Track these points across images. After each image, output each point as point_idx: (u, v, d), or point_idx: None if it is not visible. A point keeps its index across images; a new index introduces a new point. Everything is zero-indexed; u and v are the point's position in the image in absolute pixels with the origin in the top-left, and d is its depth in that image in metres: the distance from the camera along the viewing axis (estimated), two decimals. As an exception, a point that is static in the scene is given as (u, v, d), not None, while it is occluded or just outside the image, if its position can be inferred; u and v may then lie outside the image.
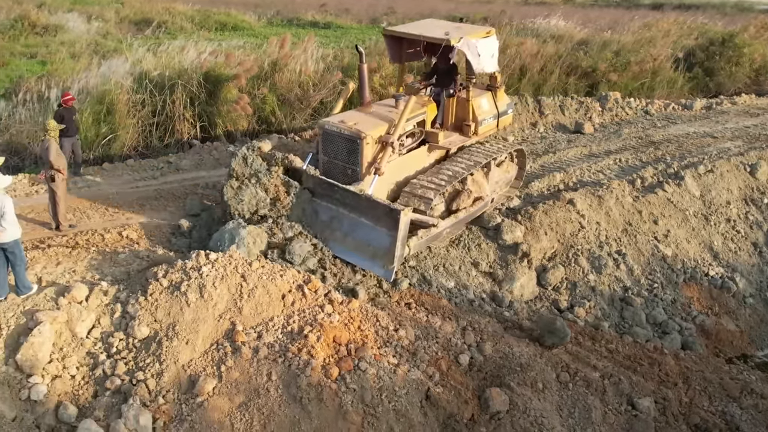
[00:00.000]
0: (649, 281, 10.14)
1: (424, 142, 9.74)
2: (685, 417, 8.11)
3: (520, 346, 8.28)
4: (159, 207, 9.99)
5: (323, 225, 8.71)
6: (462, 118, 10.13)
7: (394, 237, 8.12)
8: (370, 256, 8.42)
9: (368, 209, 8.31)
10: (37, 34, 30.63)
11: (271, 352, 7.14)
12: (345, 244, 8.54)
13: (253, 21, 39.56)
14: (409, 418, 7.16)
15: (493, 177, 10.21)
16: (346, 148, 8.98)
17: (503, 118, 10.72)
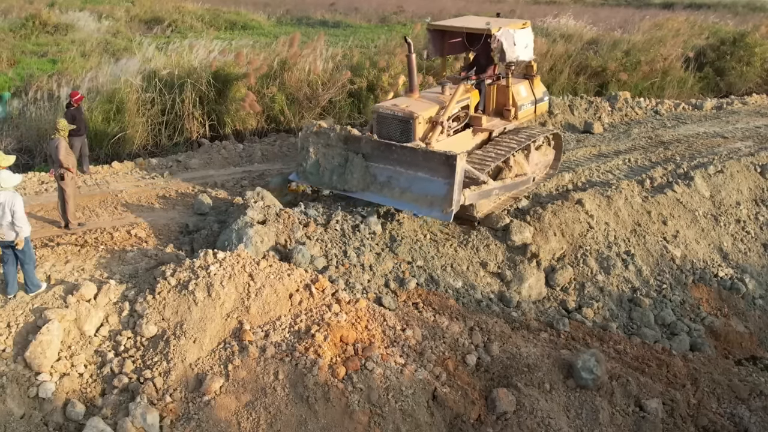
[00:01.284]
0: (657, 282, 10.09)
1: (468, 125, 10.49)
2: (693, 419, 8.07)
3: (527, 346, 8.26)
4: (167, 206, 10.02)
5: (381, 185, 9.40)
6: (502, 104, 10.93)
7: (451, 183, 8.80)
8: (429, 205, 9.04)
9: (425, 162, 9.03)
10: (47, 32, 30.81)
11: (279, 351, 7.16)
12: (404, 198, 9.20)
13: (262, 20, 39.68)
14: (415, 418, 7.15)
15: (533, 159, 10.95)
16: (400, 128, 9.70)
17: (540, 104, 11.50)
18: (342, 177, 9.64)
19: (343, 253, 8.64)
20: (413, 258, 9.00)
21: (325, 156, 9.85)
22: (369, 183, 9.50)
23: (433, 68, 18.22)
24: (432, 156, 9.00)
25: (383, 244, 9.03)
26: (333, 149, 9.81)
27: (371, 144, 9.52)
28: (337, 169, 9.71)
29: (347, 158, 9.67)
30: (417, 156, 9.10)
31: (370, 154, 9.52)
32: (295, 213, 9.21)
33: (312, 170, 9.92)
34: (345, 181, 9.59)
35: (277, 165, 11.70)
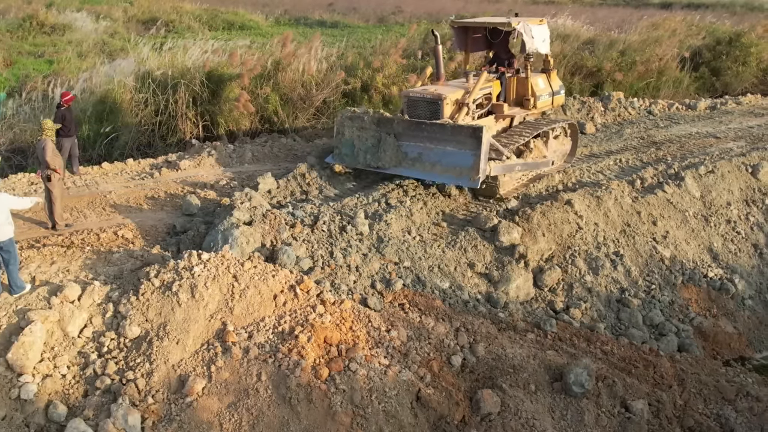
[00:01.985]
0: (646, 282, 10.08)
1: (491, 113, 11.50)
2: (679, 420, 8.06)
3: (513, 347, 8.24)
4: (156, 206, 10.01)
5: (413, 160, 10.44)
6: (522, 94, 11.88)
7: (478, 154, 9.76)
8: (457, 175, 10.05)
9: (453, 137, 10.07)
10: (45, 33, 30.83)
11: (262, 352, 7.15)
12: (434, 170, 10.24)
13: (260, 20, 39.71)
14: (399, 419, 7.14)
15: (551, 146, 11.82)
16: (429, 109, 10.77)
17: (557, 96, 12.43)
18: (375, 156, 10.64)
19: (329, 254, 8.63)
20: (400, 259, 8.99)
21: (359, 138, 10.85)
22: (401, 159, 10.51)
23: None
24: (460, 130, 10.07)
25: (370, 245, 9.02)
26: (366, 131, 10.80)
27: (403, 124, 10.59)
28: (371, 149, 10.70)
29: (380, 139, 10.65)
30: (446, 131, 10.15)
31: (402, 133, 10.54)
32: (282, 214, 9.21)
33: (347, 151, 10.94)
34: (378, 159, 10.61)
35: (268, 166, 11.70)
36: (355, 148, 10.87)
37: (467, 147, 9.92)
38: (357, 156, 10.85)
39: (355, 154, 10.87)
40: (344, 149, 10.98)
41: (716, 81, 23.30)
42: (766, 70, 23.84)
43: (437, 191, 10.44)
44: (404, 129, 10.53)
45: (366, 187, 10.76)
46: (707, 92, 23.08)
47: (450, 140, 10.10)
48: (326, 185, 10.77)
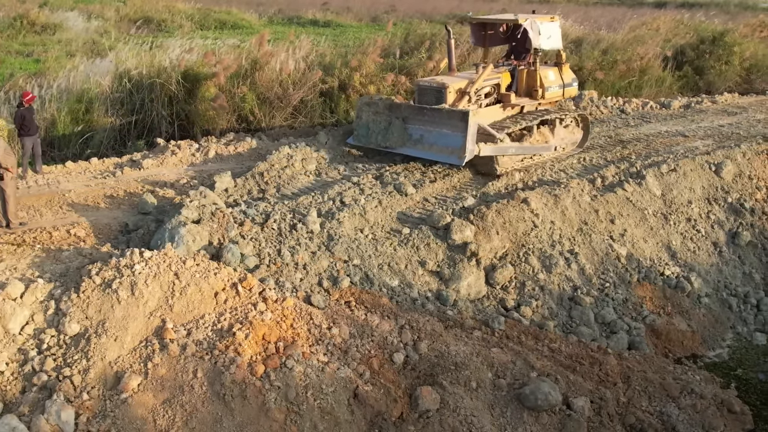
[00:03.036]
0: (601, 281, 10.11)
1: (499, 102, 12.52)
2: (621, 417, 8.10)
3: (458, 345, 8.29)
4: (113, 205, 10.08)
5: (414, 140, 11.78)
6: (531, 86, 12.77)
7: (465, 135, 10.95)
8: (449, 154, 11.27)
9: (447, 120, 11.26)
10: (35, 32, 30.87)
11: (199, 349, 7.21)
12: (431, 150, 11.53)
13: (253, 19, 39.73)
14: (334, 416, 7.20)
15: (559, 134, 12.84)
16: (434, 96, 11.86)
17: (568, 88, 13.34)
18: (385, 137, 12.02)
19: (277, 252, 8.69)
20: (350, 257, 9.04)
21: (374, 121, 12.23)
22: (406, 140, 11.86)
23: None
24: (452, 114, 11.27)
25: (320, 243, 9.07)
26: (380, 115, 12.18)
27: (409, 109, 11.96)
28: (382, 131, 12.06)
29: (389, 121, 12.03)
30: (442, 115, 11.38)
31: (408, 117, 11.88)
32: (234, 212, 9.28)
33: (363, 133, 12.33)
34: (387, 139, 11.99)
35: (231, 164, 11.76)
36: (370, 130, 12.23)
37: (458, 129, 11.09)
38: (370, 137, 12.24)
39: (369, 136, 12.25)
40: (361, 131, 12.39)
41: (699, 80, 23.26)
42: (749, 69, 23.79)
43: (394, 191, 10.47)
44: (410, 113, 11.89)
45: (325, 185, 10.81)
46: (690, 91, 23.06)
47: (445, 123, 11.30)
48: (287, 183, 10.85)
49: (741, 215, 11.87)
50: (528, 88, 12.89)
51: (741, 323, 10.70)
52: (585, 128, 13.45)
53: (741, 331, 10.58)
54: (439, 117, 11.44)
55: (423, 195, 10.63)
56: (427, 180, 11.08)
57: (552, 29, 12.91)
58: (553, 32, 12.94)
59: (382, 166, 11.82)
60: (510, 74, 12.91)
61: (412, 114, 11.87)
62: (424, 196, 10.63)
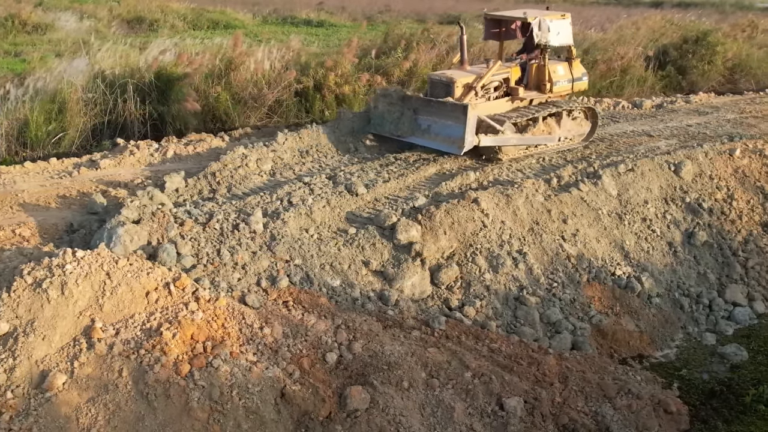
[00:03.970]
0: (549, 281, 10.11)
1: (508, 95, 13.30)
2: (554, 417, 8.11)
3: (393, 344, 8.31)
4: (64, 205, 10.15)
5: (422, 130, 12.68)
6: (540, 80, 13.49)
7: (464, 127, 11.77)
8: (451, 143, 12.16)
9: (451, 113, 12.15)
10: (27, 32, 30.95)
11: (126, 348, 7.26)
12: (436, 140, 12.46)
13: (247, 19, 39.73)
14: (260, 415, 7.24)
15: (565, 125, 13.57)
16: (444, 90, 12.77)
17: (577, 83, 14.04)
18: (397, 126, 12.92)
19: (216, 252, 8.73)
20: (291, 257, 9.08)
21: (388, 111, 13.13)
22: (415, 130, 12.77)
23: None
24: (454, 107, 12.15)
25: (262, 243, 9.11)
26: (394, 106, 13.07)
27: (418, 101, 12.95)
28: (395, 121, 12.96)
29: (402, 112, 12.91)
30: (446, 108, 12.27)
31: (418, 108, 12.78)
32: (179, 212, 9.34)
33: (378, 121, 13.28)
34: (399, 128, 12.90)
35: (189, 164, 11.82)
36: (384, 119, 13.12)
37: (459, 122, 11.91)
38: (384, 126, 13.14)
39: (383, 124, 13.17)
40: (376, 120, 13.34)
41: (682, 80, 23.18)
42: (733, 68, 23.70)
43: (344, 191, 10.50)
44: (419, 105, 12.83)
45: (277, 185, 10.85)
46: (674, 90, 22.98)
47: (449, 116, 12.17)
48: (237, 184, 10.90)
49: (698, 215, 11.83)
50: (537, 82, 13.63)
51: (692, 323, 10.68)
52: (593, 121, 14.16)
53: (692, 331, 10.56)
54: (443, 109, 12.34)
55: (375, 195, 10.65)
56: (381, 180, 11.10)
57: (562, 26, 13.52)
58: (563, 29, 13.54)
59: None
60: (521, 68, 13.68)
61: (421, 106, 12.80)
62: (376, 196, 10.65)
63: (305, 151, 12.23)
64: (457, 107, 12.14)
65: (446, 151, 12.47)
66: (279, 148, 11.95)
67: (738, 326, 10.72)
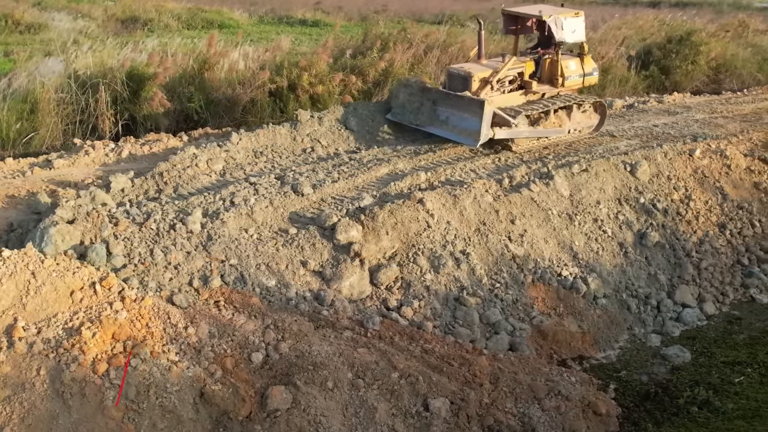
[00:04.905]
0: (492, 281, 10.09)
1: (521, 88, 14.02)
2: (480, 418, 8.09)
3: (322, 345, 8.32)
4: (10, 205, 10.22)
5: (441, 121, 13.38)
6: (553, 74, 14.19)
7: (480, 121, 12.42)
8: (467, 136, 12.77)
9: (468, 106, 12.79)
10: (20, 32, 31.10)
11: (46, 347, 7.32)
12: (454, 131, 13.09)
13: (242, 19, 39.79)
14: (177, 415, 7.27)
15: (575, 118, 14.27)
16: (461, 83, 13.38)
17: (588, 77, 14.86)
18: (417, 116, 13.63)
19: (149, 252, 8.76)
20: (227, 257, 9.10)
21: (408, 101, 13.84)
22: (433, 120, 13.42)
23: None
24: (472, 101, 12.75)
25: (198, 243, 9.14)
26: (414, 96, 13.77)
27: (438, 93, 13.58)
28: (415, 111, 13.66)
29: (422, 102, 13.59)
30: (464, 102, 12.88)
31: (437, 100, 13.46)
32: (118, 212, 9.39)
33: (399, 111, 13.98)
34: (418, 118, 13.60)
35: (144, 164, 11.86)
36: (405, 108, 13.82)
37: (476, 115, 12.52)
38: (404, 115, 13.85)
39: (403, 114, 13.86)
40: (396, 109, 14.03)
41: (666, 79, 23.08)
42: (716, 68, 23.56)
43: (290, 191, 10.52)
44: (438, 97, 13.48)
45: (224, 185, 10.87)
46: (657, 90, 22.87)
47: (466, 109, 12.79)
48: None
49: (652, 216, 11.77)
50: (550, 76, 14.28)
51: (639, 325, 10.63)
52: (602, 114, 14.80)
53: (638, 332, 10.50)
54: (461, 103, 12.95)
55: (321, 195, 10.65)
56: (329, 180, 11.10)
57: (576, 24, 14.14)
58: (577, 26, 14.17)
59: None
60: (535, 63, 14.31)
61: (440, 98, 13.45)
62: (322, 196, 10.65)
63: (260, 151, 12.25)
64: (475, 102, 12.71)
65: (462, 143, 13.16)
66: (232, 148, 11.96)
67: (685, 328, 10.65)
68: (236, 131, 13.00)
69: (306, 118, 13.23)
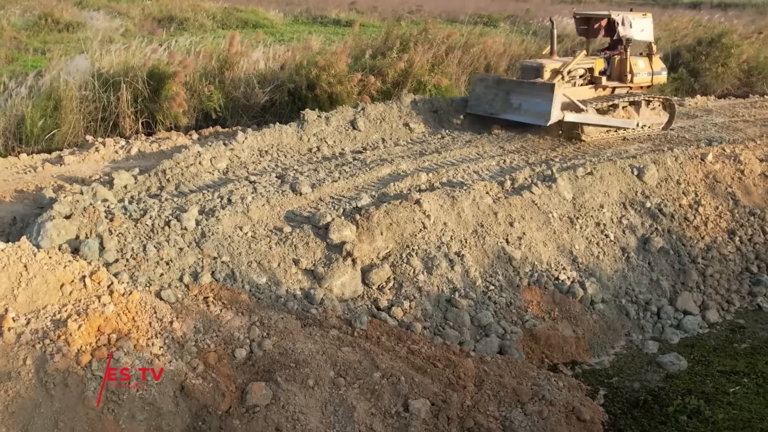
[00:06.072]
0: (486, 283, 10.04)
1: (591, 83, 15.25)
2: (461, 420, 8.08)
3: (306, 343, 8.40)
4: (18, 200, 10.52)
5: (514, 108, 14.59)
6: (622, 71, 15.36)
7: (550, 103, 13.58)
8: (538, 117, 13.97)
9: (540, 91, 14.05)
10: (58, 30, 31.93)
11: (34, 338, 7.53)
12: (526, 115, 14.32)
13: (277, 19, 40.21)
14: (156, 407, 7.42)
15: (644, 113, 15.45)
16: (534, 74, 14.75)
17: (657, 76, 15.96)
18: (491, 105, 15.02)
19: (142, 247, 8.94)
20: (219, 254, 9.24)
21: (484, 93, 15.31)
22: (507, 108, 14.71)
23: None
24: (543, 86, 14.08)
25: (191, 240, 9.29)
26: (489, 88, 15.24)
27: (511, 83, 15.20)
28: (490, 101, 15.04)
29: (496, 93, 14.99)
30: (535, 87, 14.23)
31: (510, 89, 14.79)
32: (116, 208, 9.60)
33: (475, 102, 15.49)
34: (492, 107, 14.96)
35: (152, 161, 12.10)
36: (481, 100, 15.28)
37: (546, 98, 13.72)
38: (479, 105, 15.27)
39: (479, 105, 15.28)
40: (473, 101, 15.55)
41: (695, 82, 22.66)
42: (748, 71, 23.03)
43: (288, 190, 10.62)
44: (512, 86, 14.92)
45: (224, 183, 11.03)
46: (685, 93, 22.48)
47: (538, 94, 14.02)
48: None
49: (658, 221, 11.58)
50: (619, 73, 15.37)
51: (638, 331, 10.47)
52: (671, 112, 15.82)
53: (635, 339, 10.35)
54: (533, 89, 14.25)
55: (319, 194, 10.74)
56: (330, 180, 11.18)
57: (644, 24, 15.34)
58: (645, 26, 15.35)
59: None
60: (605, 61, 15.47)
61: (514, 87, 14.85)
62: (321, 195, 10.74)
63: (265, 150, 12.40)
64: (546, 85, 14.04)
65: (534, 124, 14.37)
66: (237, 147, 12.13)
67: (685, 335, 10.46)
68: (243, 130, 13.16)
69: (313, 118, 13.34)
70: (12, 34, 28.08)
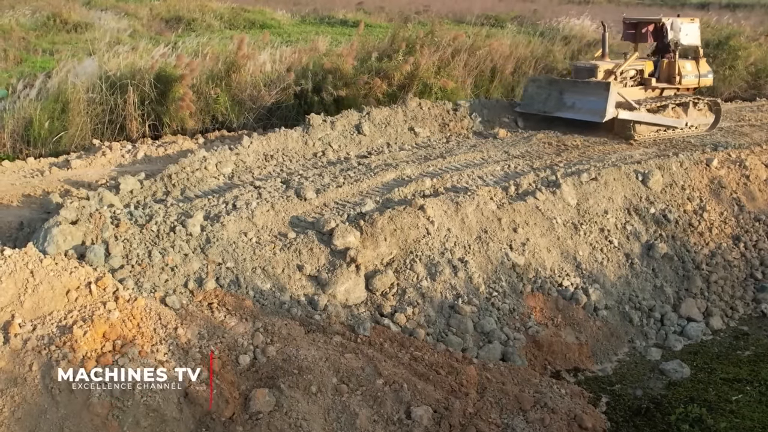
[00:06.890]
0: (489, 290, 10.07)
1: (641, 84, 16.17)
2: (463, 428, 8.12)
3: (309, 349, 8.45)
4: (25, 204, 10.62)
5: (567, 107, 15.43)
6: (671, 73, 16.27)
7: (606, 101, 14.29)
8: (593, 114, 14.61)
9: (594, 90, 14.88)
10: (66, 31, 32.06)
11: (40, 344, 7.61)
12: (580, 113, 15.06)
13: (284, 19, 40.26)
14: (161, 413, 7.49)
15: (691, 114, 16.24)
16: (587, 74, 15.71)
17: (703, 79, 16.79)
18: (545, 104, 15.84)
19: (147, 253, 9.01)
20: (224, 259, 9.30)
21: (537, 93, 16.13)
22: (560, 106, 15.52)
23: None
24: (598, 84, 14.95)
25: (196, 246, 9.35)
26: (542, 88, 16.12)
27: (565, 83, 16.09)
28: (543, 100, 15.89)
29: (549, 93, 15.85)
30: (590, 86, 15.09)
31: (564, 89, 15.68)
32: (122, 213, 9.67)
33: (528, 102, 16.34)
34: (546, 106, 15.79)
35: (158, 166, 12.17)
36: (534, 100, 16.10)
37: (602, 96, 14.41)
38: (532, 105, 16.13)
39: (533, 104, 16.12)
40: (526, 101, 16.38)
41: (702, 85, 22.56)
42: (755, 74, 22.95)
43: (293, 195, 10.67)
44: (565, 86, 15.78)
45: (229, 188, 11.08)
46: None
47: (592, 92, 14.78)
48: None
49: (662, 226, 11.58)
50: (668, 75, 16.27)
51: (641, 337, 10.48)
52: (716, 113, 16.58)
53: (638, 345, 10.37)
54: (588, 88, 15.09)
55: (324, 200, 10.79)
56: (334, 185, 11.23)
57: (691, 29, 16.26)
58: (692, 31, 16.25)
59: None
60: (653, 64, 16.37)
61: (567, 86, 15.74)
62: (325, 201, 10.79)
63: (270, 155, 12.45)
64: (600, 84, 14.83)
65: (589, 120, 14.86)
66: (243, 152, 12.19)
67: (688, 342, 10.47)
68: (248, 134, 13.21)
69: (318, 122, 13.37)
70: (21, 34, 28.25)
